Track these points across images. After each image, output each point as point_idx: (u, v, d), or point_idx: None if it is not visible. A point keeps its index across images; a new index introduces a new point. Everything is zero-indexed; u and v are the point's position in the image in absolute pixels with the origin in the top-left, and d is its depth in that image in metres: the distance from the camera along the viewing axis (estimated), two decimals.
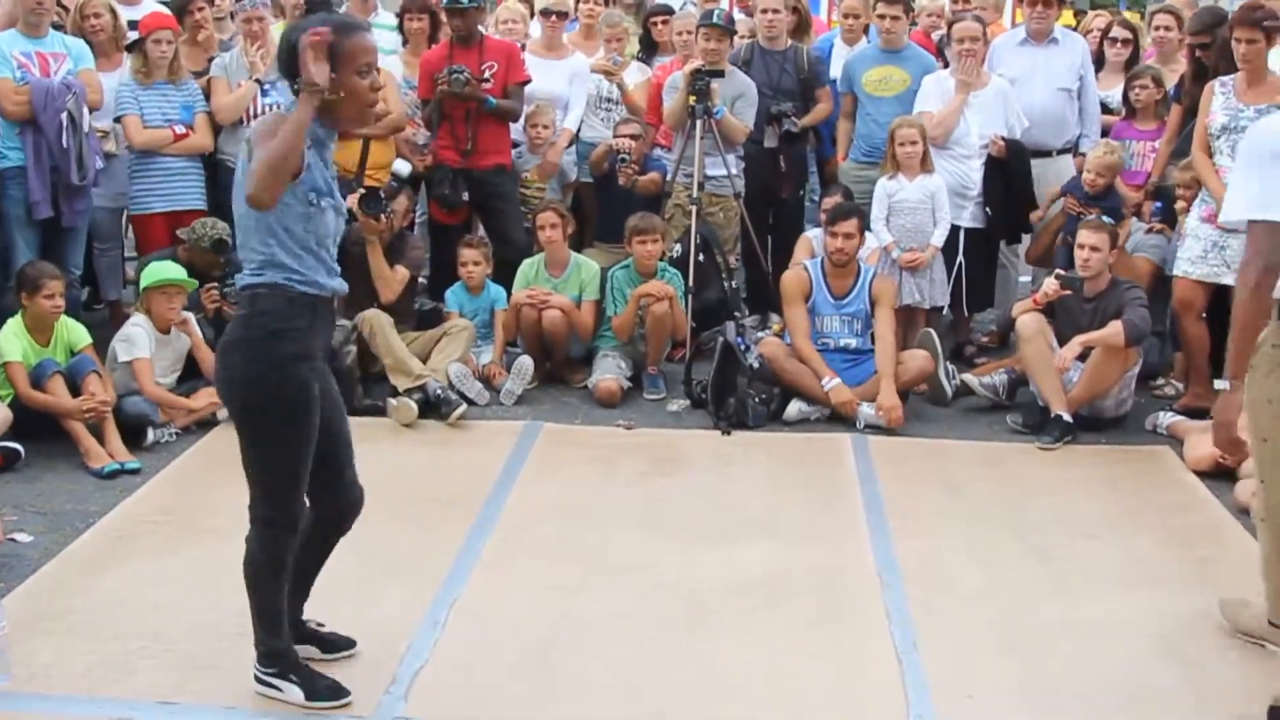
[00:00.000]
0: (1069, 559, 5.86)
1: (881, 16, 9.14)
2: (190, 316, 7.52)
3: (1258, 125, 4.79)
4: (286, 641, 4.56)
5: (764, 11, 9.24)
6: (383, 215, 8.00)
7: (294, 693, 4.52)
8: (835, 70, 9.50)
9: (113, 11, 8.68)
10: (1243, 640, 5.07)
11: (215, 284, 7.73)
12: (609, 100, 9.56)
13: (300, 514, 4.42)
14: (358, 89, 4.21)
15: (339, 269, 4.42)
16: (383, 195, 8.05)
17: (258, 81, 8.41)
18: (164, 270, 7.43)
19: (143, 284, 7.48)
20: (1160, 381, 8.24)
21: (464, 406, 7.56)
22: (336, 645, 4.84)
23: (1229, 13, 8.20)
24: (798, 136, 9.14)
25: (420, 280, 8.87)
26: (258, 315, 4.24)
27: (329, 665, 4.73)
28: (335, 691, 4.55)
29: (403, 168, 8.76)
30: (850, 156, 9.23)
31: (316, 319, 4.32)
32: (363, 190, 8.08)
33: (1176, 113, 8.40)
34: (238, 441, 4.38)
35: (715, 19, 8.74)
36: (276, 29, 8.87)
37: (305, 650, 4.74)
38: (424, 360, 7.85)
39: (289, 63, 4.19)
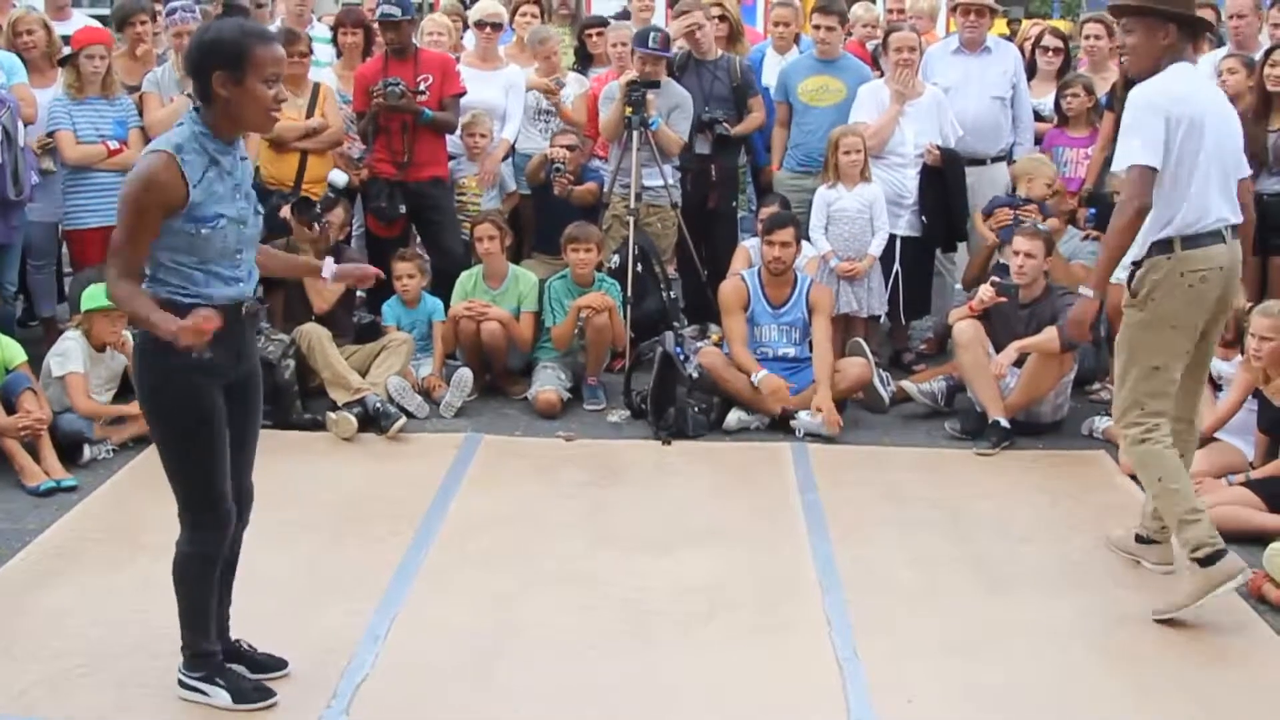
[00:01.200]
0: (1007, 563, 5.91)
1: (817, 27, 9.18)
2: (129, 337, 7.42)
3: (1133, 92, 5.35)
4: (214, 643, 4.57)
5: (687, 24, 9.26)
6: (316, 224, 7.97)
7: (221, 696, 4.53)
8: (768, 79, 9.54)
9: (46, 27, 8.62)
10: (1117, 555, 5.74)
11: None
12: (547, 112, 9.56)
13: (225, 513, 4.42)
14: (261, 96, 4.18)
15: (245, 276, 4.39)
16: (317, 205, 8.03)
17: (189, 96, 8.35)
18: (104, 293, 7.35)
19: (84, 305, 7.41)
20: (1096, 386, 8.32)
21: (403, 420, 7.54)
22: (266, 666, 4.78)
23: None
24: (730, 142, 9.18)
25: (358, 294, 8.83)
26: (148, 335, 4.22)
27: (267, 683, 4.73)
28: (262, 693, 4.57)
29: (338, 178, 8.73)
30: (785, 166, 9.26)
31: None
32: (296, 199, 8.06)
33: (1109, 120, 8.50)
34: None
35: (651, 41, 8.70)
36: None
37: (233, 668, 4.73)
38: (363, 374, 7.82)
39: (196, 62, 4.17)
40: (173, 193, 4.08)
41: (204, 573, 4.47)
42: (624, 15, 10.63)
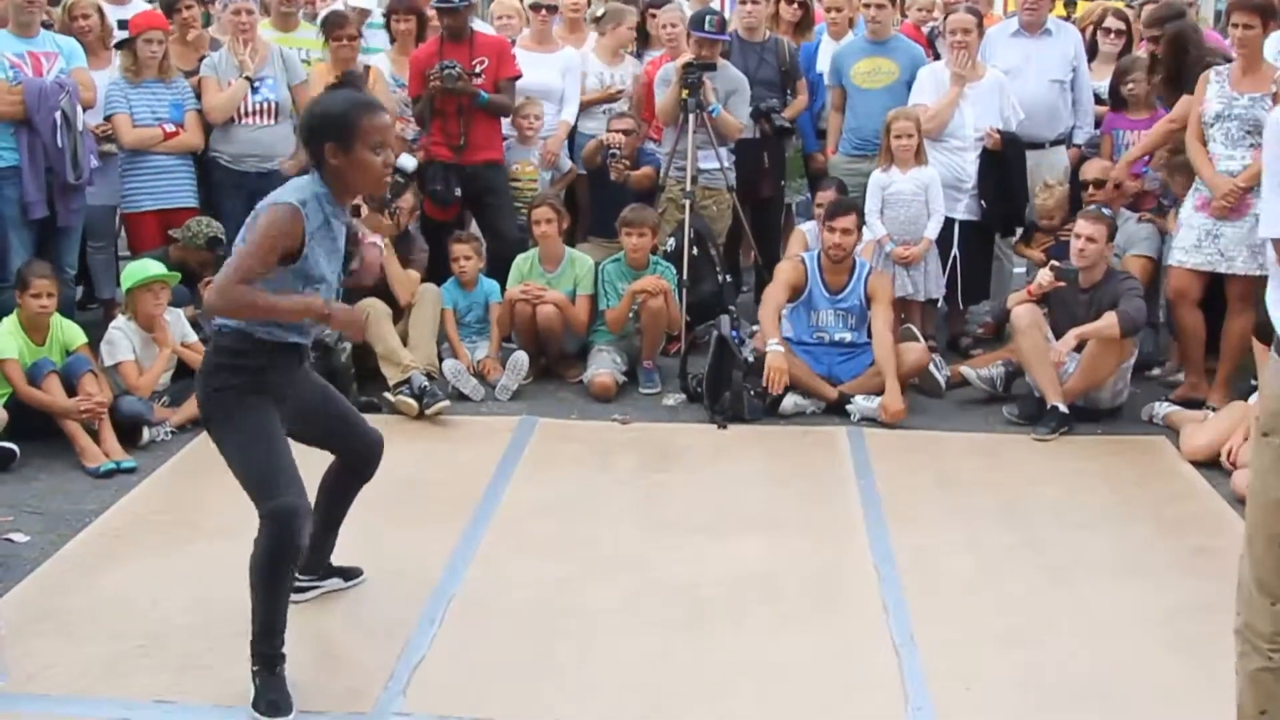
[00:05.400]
0: (1065, 549, 5.86)
1: (866, 6, 9.13)
2: (167, 319, 7.46)
3: (1272, 120, 3.52)
4: (274, 648, 4.48)
5: (743, 2, 9.29)
6: (387, 211, 7.99)
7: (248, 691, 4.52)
8: (824, 65, 9.48)
9: (100, 11, 8.68)
10: None
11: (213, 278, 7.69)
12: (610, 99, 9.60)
13: (295, 509, 4.40)
14: (369, 163, 4.35)
15: (314, 328, 4.61)
16: (387, 192, 8.01)
17: (248, 79, 8.37)
18: (144, 268, 7.42)
19: (124, 286, 7.47)
20: (1156, 371, 8.25)
21: (445, 402, 7.52)
22: (354, 574, 5.34)
23: (1184, 7, 8.16)
24: (786, 130, 9.14)
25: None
26: (217, 350, 4.47)
27: (335, 664, 4.75)
28: (273, 708, 4.41)
29: (408, 163, 8.55)
30: (840, 149, 9.20)
31: (275, 361, 4.46)
32: None
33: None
34: None
35: (707, 24, 8.63)
36: (262, 27, 8.87)
37: (330, 583, 5.22)
38: (403, 337, 7.92)
39: (307, 134, 4.42)
40: (293, 241, 4.26)
41: (274, 578, 4.44)
42: None
